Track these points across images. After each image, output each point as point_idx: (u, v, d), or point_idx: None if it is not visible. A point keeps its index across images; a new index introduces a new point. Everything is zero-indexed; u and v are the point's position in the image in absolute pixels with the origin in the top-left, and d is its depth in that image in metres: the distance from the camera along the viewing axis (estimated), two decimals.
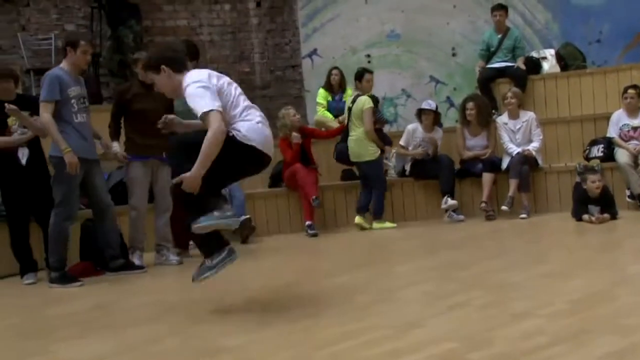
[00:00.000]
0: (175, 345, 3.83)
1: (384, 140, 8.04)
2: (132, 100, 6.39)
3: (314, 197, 7.60)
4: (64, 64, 5.95)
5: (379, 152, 7.88)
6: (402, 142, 8.40)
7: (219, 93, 4.19)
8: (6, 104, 5.86)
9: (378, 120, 8.01)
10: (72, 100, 5.85)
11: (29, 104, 6.12)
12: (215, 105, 4.06)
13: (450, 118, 9.48)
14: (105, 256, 6.19)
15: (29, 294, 5.75)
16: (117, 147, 6.46)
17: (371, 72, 8.11)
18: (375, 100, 8.24)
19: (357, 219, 7.83)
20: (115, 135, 6.49)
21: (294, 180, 7.81)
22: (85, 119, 5.96)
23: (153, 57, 4.42)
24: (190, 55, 6.35)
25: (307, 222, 7.72)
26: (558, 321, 3.62)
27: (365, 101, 7.81)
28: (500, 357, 3.14)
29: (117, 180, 7.23)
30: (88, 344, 3.98)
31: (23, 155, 6.09)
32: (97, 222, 6.20)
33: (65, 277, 5.84)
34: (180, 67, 4.31)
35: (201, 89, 4.11)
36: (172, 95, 4.51)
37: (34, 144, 6.16)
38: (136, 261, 6.40)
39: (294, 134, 7.88)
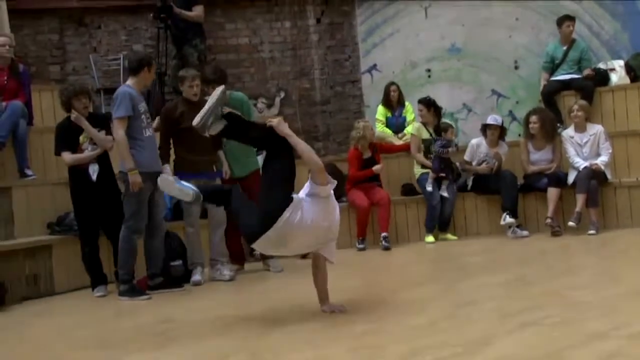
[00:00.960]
0: (242, 359, 3.85)
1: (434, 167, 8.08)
2: (179, 119, 6.38)
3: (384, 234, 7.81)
4: (131, 82, 6.08)
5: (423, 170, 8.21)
6: (466, 157, 8.35)
7: None
8: (72, 112, 6.14)
9: (436, 152, 8.10)
10: (142, 116, 6.02)
11: (100, 121, 6.37)
12: None
13: (512, 132, 9.30)
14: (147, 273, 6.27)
15: (102, 307, 5.91)
16: (168, 170, 6.43)
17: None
18: (440, 127, 8.31)
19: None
20: (166, 157, 6.49)
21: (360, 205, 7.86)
22: (151, 132, 6.13)
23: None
24: (221, 79, 6.54)
25: (383, 234, 7.81)
26: (638, 342, 3.48)
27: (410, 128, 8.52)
28: None
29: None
30: (161, 357, 4.07)
31: (93, 171, 6.26)
32: (147, 237, 6.19)
33: (134, 290, 5.97)
34: None
35: None
36: None
37: (103, 160, 6.33)
38: (197, 277, 6.44)
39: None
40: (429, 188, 8.02)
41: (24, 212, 6.89)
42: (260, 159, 7.57)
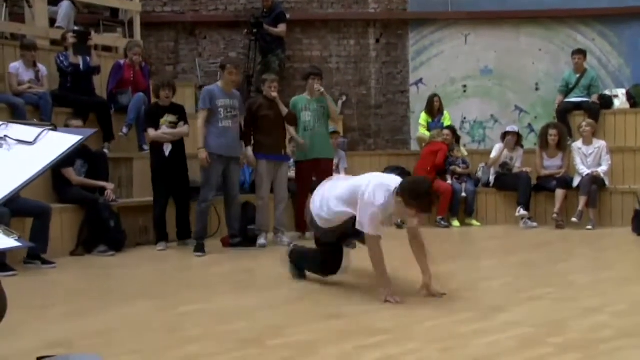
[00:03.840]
0: (306, 306, 3.94)
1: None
2: (258, 110, 6.44)
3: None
4: (220, 82, 6.27)
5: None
6: (494, 154, 8.30)
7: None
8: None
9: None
10: (220, 109, 6.05)
11: (178, 111, 6.47)
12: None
13: (530, 142, 9.20)
14: (228, 234, 6.35)
15: (191, 256, 5.92)
16: (250, 151, 6.49)
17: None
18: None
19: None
20: (248, 141, 6.51)
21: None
22: (230, 124, 6.09)
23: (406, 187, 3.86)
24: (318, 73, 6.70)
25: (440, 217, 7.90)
26: (623, 319, 3.52)
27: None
28: (573, 343, 3.09)
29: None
30: (239, 299, 4.16)
31: (167, 148, 6.33)
32: (225, 207, 6.35)
33: (197, 245, 5.98)
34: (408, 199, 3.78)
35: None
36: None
37: (177, 142, 6.39)
38: (263, 240, 6.40)
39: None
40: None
41: (141, 178, 7.04)
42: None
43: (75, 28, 7.78)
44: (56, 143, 1.89)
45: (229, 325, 3.48)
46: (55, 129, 1.97)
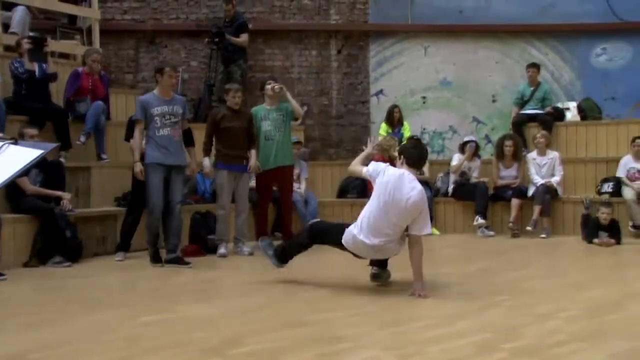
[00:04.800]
0: (268, 315, 3.94)
1: None
2: (221, 120, 6.41)
3: None
4: (156, 89, 5.88)
5: None
6: (454, 162, 8.45)
7: None
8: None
9: None
10: (156, 118, 5.72)
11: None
12: None
13: (487, 152, 9.41)
14: (165, 247, 5.93)
15: (152, 267, 5.85)
16: (207, 162, 6.43)
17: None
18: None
19: None
20: (207, 152, 6.47)
21: None
22: (169, 132, 5.76)
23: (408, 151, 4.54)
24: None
25: None
26: (575, 323, 3.64)
27: None
28: (527, 348, 3.18)
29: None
30: (203, 308, 4.14)
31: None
32: (165, 215, 5.86)
33: (151, 255, 5.86)
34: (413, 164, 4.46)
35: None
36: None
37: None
38: (222, 250, 6.31)
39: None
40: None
41: (99, 187, 7.02)
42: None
43: (31, 34, 7.63)
44: (16, 157, 1.86)
45: (190, 335, 3.46)
46: (16, 142, 1.95)
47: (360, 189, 8.47)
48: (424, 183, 8.31)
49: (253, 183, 7.07)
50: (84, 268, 5.82)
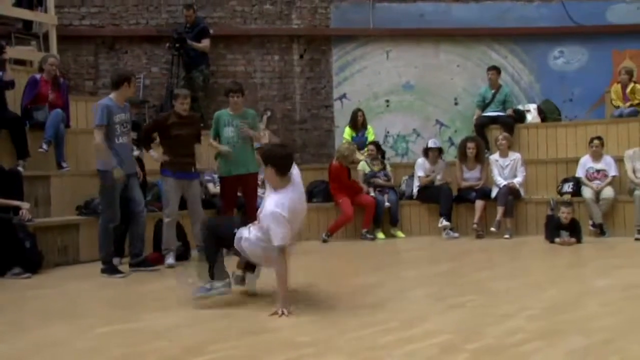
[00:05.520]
0: (228, 323, 3.88)
1: None
2: (170, 127, 6.20)
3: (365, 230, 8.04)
4: (112, 95, 5.72)
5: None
6: (419, 174, 8.39)
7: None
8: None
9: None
10: (117, 125, 5.66)
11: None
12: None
13: (450, 154, 9.50)
14: (130, 252, 5.94)
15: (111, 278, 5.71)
16: (153, 152, 6.36)
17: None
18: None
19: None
20: (146, 145, 6.39)
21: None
22: (125, 140, 5.76)
23: (266, 155, 4.17)
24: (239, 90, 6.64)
25: (366, 230, 8.02)
26: (535, 322, 3.69)
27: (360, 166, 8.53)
28: (489, 348, 3.21)
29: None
30: (166, 316, 4.07)
31: None
32: (129, 224, 5.92)
33: (112, 268, 5.72)
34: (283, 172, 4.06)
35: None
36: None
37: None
38: (170, 260, 6.14)
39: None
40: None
41: (59, 196, 6.88)
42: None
43: None
44: None
45: (149, 344, 3.40)
46: None
47: (325, 193, 8.47)
48: (389, 186, 8.43)
49: (218, 189, 6.99)
50: (44, 279, 5.70)
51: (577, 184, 8.02)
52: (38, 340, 3.60)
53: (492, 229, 7.73)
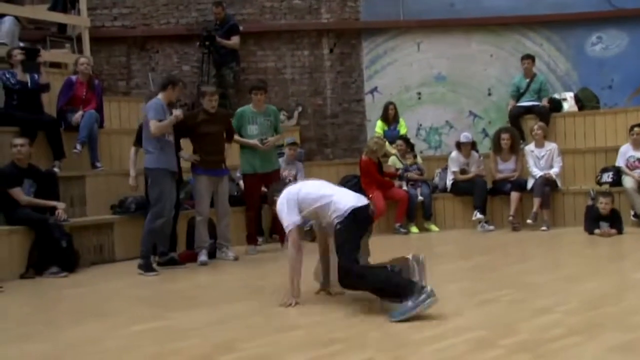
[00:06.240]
0: (258, 320, 3.86)
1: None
2: (199, 125, 6.24)
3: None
4: (160, 96, 5.87)
5: None
6: (453, 169, 8.28)
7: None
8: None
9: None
10: None
11: None
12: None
13: (485, 146, 9.34)
14: (157, 250, 6.00)
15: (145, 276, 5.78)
16: (184, 153, 6.37)
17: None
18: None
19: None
20: (178, 147, 6.31)
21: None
22: (172, 139, 5.93)
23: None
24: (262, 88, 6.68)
25: (399, 224, 8.01)
26: (573, 317, 3.58)
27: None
28: (524, 344, 3.12)
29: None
30: (198, 314, 4.09)
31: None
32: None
33: (148, 265, 5.76)
34: None
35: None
36: None
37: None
38: (203, 258, 6.18)
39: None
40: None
41: (94, 196, 7.02)
42: (281, 160, 7.72)
43: (22, 45, 7.60)
44: None
45: (181, 342, 3.41)
46: None
47: (358, 188, 8.40)
48: (422, 180, 8.33)
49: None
50: (80, 278, 5.80)
51: (617, 173, 7.80)
52: (72, 339, 3.66)
53: (529, 221, 7.58)
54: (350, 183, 8.55)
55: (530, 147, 8.18)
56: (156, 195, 5.81)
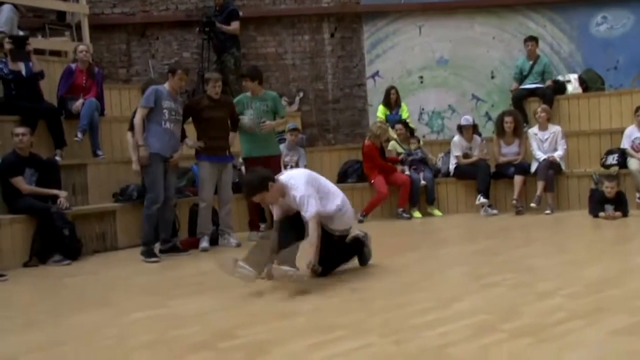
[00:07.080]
0: (259, 307, 3.85)
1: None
2: (202, 111, 6.24)
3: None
4: (167, 83, 5.96)
5: None
6: (456, 153, 8.24)
7: None
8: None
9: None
10: (165, 111, 5.81)
11: None
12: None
13: (488, 130, 9.29)
14: (158, 238, 5.97)
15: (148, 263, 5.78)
16: (188, 140, 6.35)
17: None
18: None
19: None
20: (183, 135, 6.30)
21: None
22: (173, 127, 5.89)
23: (254, 182, 4.36)
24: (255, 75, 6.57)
25: (402, 209, 7.96)
26: (576, 300, 3.54)
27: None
28: (527, 328, 3.09)
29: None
30: (198, 301, 4.08)
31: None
32: (160, 208, 5.89)
33: (150, 252, 5.77)
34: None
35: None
36: (278, 201, 4.45)
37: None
38: (204, 244, 6.20)
39: None
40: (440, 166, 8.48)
41: (96, 184, 7.01)
42: (282, 146, 7.69)
43: (20, 33, 7.55)
44: None
45: (180, 330, 3.40)
46: None
47: (360, 172, 8.39)
48: (424, 163, 8.27)
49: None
50: (83, 265, 5.80)
51: (623, 155, 7.73)
52: (74, 326, 3.65)
53: (533, 204, 7.53)
54: (352, 168, 8.54)
55: (533, 130, 8.11)
56: (150, 181, 5.81)
